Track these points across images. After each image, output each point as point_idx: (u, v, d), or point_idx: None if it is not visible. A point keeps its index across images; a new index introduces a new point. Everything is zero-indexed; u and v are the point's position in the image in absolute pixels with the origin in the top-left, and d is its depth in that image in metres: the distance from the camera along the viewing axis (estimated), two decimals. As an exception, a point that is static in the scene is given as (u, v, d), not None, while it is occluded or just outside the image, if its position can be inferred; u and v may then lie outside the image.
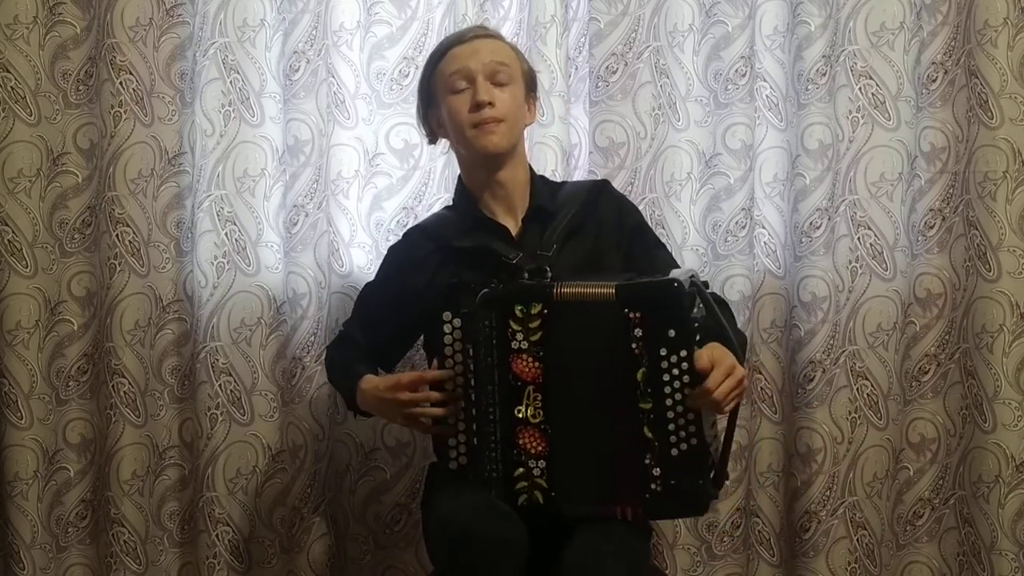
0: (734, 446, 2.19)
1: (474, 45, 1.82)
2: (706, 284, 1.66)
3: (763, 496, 2.24)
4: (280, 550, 2.25)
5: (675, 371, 1.57)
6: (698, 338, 1.59)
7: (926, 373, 2.27)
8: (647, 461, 1.60)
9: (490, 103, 1.77)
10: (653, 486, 1.61)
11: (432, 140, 1.94)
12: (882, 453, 2.24)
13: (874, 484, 2.24)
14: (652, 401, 1.59)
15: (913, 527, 2.29)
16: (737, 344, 1.65)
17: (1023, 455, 2.19)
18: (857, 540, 2.24)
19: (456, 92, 1.81)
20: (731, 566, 2.26)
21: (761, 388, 2.23)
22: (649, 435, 1.60)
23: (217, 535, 2.21)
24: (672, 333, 1.56)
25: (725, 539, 2.25)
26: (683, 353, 1.56)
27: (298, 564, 2.25)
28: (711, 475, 1.63)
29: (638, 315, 1.58)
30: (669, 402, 1.58)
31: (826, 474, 2.20)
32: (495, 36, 1.89)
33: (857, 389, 2.23)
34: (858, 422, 2.24)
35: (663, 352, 1.57)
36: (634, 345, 1.58)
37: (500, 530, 1.56)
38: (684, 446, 1.59)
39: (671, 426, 1.59)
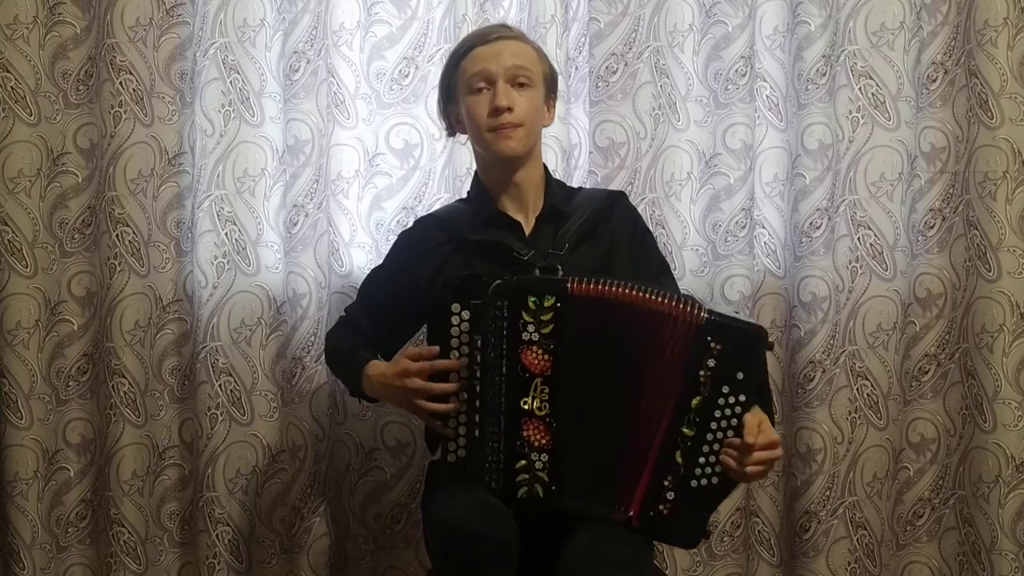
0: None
1: (497, 47, 1.81)
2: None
3: (763, 496, 2.24)
4: (280, 550, 2.25)
5: (728, 411, 1.59)
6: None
7: (926, 373, 2.27)
8: (666, 483, 1.62)
9: (508, 108, 1.77)
10: (661, 507, 1.62)
11: (451, 133, 1.94)
12: (882, 453, 2.24)
13: (874, 484, 2.24)
14: (695, 430, 1.61)
15: (913, 527, 2.29)
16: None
17: (1023, 455, 2.19)
18: (857, 540, 2.24)
19: (476, 92, 1.80)
20: (731, 566, 2.26)
21: (761, 388, 2.24)
22: (679, 460, 1.61)
23: (217, 535, 2.21)
24: (740, 376, 1.58)
25: (725, 539, 2.25)
26: (742, 398, 1.59)
27: (298, 564, 2.25)
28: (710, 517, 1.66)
29: (719, 347, 1.59)
30: (710, 437, 1.60)
31: (826, 474, 2.20)
32: (518, 37, 1.87)
33: (857, 389, 2.23)
34: (858, 422, 2.24)
35: (725, 390, 1.59)
36: (702, 372, 1.59)
37: (492, 529, 1.56)
38: (705, 482, 1.61)
39: (702, 459, 1.61)
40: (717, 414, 1.60)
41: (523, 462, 1.66)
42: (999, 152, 2.17)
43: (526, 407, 1.65)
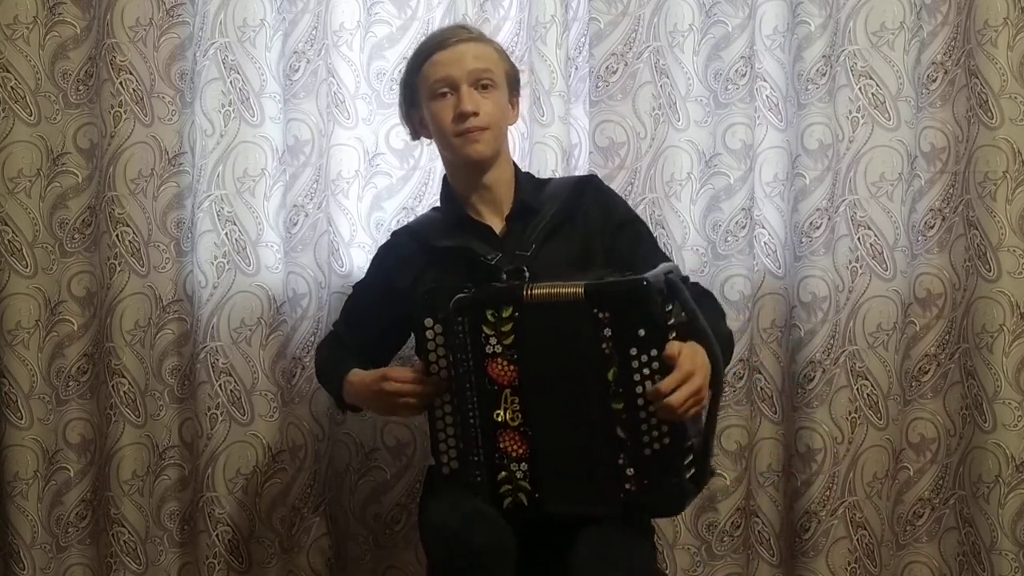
0: (734, 446, 2.21)
1: (458, 51, 1.80)
2: (685, 280, 1.64)
3: (763, 496, 2.24)
4: (280, 550, 2.25)
5: (646, 371, 1.54)
6: (673, 336, 1.54)
7: (926, 373, 2.27)
8: (620, 461, 1.58)
9: (474, 112, 1.77)
10: (628, 486, 1.59)
11: (415, 137, 1.94)
12: (882, 453, 2.24)
13: (874, 484, 2.24)
14: (624, 401, 1.56)
15: (913, 527, 2.29)
16: (718, 342, 1.58)
17: (1023, 455, 2.19)
18: (857, 540, 2.24)
19: (439, 98, 1.80)
20: (731, 566, 2.26)
21: (761, 388, 2.23)
22: (622, 435, 1.57)
23: (217, 535, 2.21)
24: (642, 332, 1.53)
25: (725, 539, 2.25)
26: (654, 352, 1.53)
27: (298, 564, 2.25)
28: (690, 473, 1.59)
29: (607, 315, 1.55)
30: (640, 402, 1.55)
31: (826, 474, 2.20)
32: (477, 38, 1.86)
33: (857, 389, 2.23)
34: (858, 422, 2.24)
35: (633, 352, 1.54)
36: (604, 345, 1.55)
37: (490, 537, 1.56)
38: (657, 445, 1.56)
39: (643, 426, 1.56)
40: (636, 378, 1.54)
41: (504, 473, 1.66)
42: (999, 152, 2.17)
43: (499, 419, 1.65)
